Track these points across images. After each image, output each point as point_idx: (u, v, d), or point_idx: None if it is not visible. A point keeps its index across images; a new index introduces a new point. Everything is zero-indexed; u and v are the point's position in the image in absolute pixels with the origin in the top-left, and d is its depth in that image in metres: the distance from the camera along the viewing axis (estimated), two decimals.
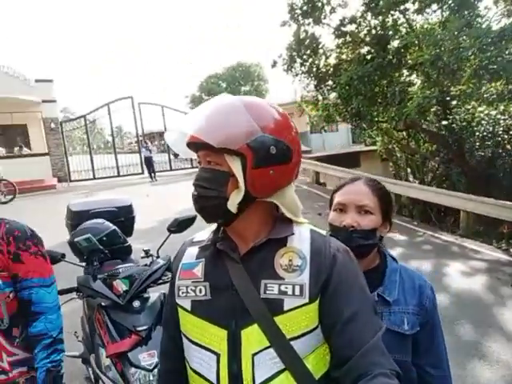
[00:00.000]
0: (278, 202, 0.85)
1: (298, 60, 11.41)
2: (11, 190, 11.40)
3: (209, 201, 0.82)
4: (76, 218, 2.71)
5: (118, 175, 16.72)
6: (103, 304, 1.96)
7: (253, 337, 0.80)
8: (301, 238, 0.85)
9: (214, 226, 0.92)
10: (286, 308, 0.79)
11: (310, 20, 10.61)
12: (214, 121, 0.80)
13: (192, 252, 0.93)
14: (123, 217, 2.71)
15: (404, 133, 12.12)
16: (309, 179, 13.33)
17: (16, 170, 12.52)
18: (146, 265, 2.14)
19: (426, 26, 10.09)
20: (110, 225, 2.39)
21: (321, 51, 11.29)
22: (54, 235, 3.55)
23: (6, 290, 1.30)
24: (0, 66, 14.20)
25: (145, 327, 1.81)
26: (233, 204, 0.81)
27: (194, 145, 0.83)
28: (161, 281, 2.03)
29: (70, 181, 15.39)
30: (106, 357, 1.76)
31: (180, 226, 2.15)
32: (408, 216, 9.78)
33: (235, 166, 0.79)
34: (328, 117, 12.01)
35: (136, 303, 1.90)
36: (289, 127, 0.85)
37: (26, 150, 15.15)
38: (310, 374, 0.78)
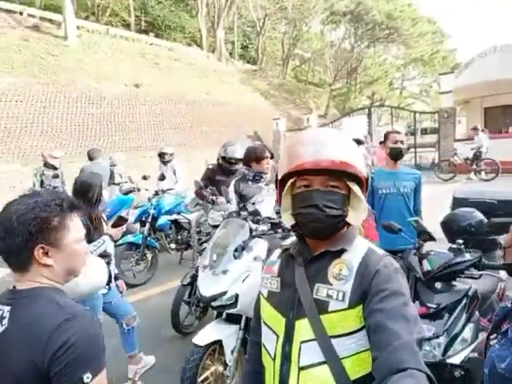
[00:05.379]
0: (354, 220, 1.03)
1: None
2: (494, 169, 11.41)
3: (334, 219, 1.00)
4: (455, 204, 3.09)
5: None
6: (417, 276, 2.18)
7: (303, 328, 0.99)
8: (355, 253, 1.01)
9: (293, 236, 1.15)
10: (329, 309, 0.96)
11: None
12: (351, 153, 0.99)
13: (277, 253, 1.18)
14: (503, 211, 2.66)
15: None
16: None
17: (500, 150, 11.89)
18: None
19: None
20: (479, 216, 2.49)
21: None
22: None
23: None
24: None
25: (433, 305, 1.99)
26: (358, 221, 1.03)
27: (319, 171, 0.97)
28: (463, 274, 2.04)
29: None
30: None
31: (495, 227, 2.15)
32: None
33: (356, 189, 1.01)
34: None
35: (438, 284, 2.07)
36: None
37: None
38: (345, 371, 0.93)
